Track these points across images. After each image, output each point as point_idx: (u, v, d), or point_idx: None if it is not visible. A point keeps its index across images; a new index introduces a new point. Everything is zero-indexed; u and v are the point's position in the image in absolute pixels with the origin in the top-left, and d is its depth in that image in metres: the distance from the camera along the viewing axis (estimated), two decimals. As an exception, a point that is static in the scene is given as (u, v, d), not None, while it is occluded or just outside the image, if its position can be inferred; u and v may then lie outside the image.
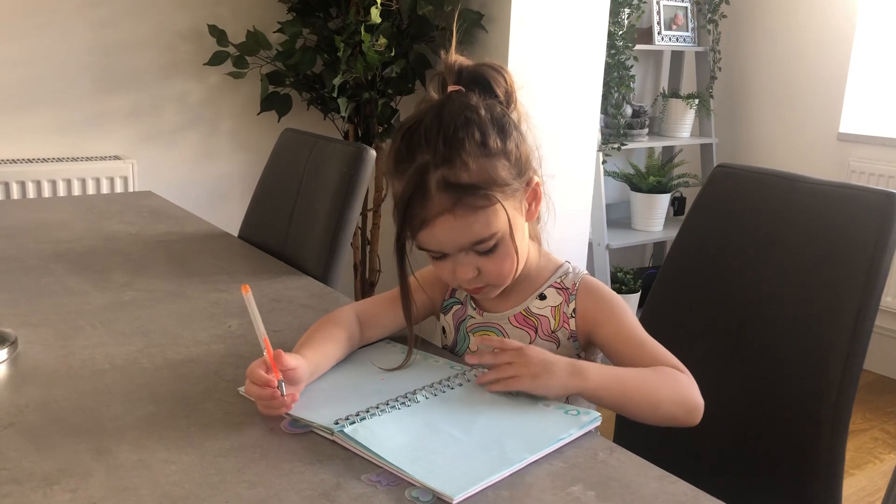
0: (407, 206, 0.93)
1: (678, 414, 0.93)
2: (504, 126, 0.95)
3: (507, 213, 0.95)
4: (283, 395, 0.86)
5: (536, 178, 1.00)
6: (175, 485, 0.75)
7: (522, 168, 0.97)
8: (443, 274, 1.01)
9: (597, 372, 0.92)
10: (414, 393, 0.93)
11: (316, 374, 0.96)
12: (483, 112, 0.94)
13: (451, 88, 0.99)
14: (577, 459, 0.82)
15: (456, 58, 1.00)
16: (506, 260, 0.98)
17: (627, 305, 1.02)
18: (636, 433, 1.04)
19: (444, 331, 1.14)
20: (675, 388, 0.93)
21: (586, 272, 1.07)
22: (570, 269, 1.06)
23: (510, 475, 0.77)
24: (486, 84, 0.98)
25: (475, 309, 1.09)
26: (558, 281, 1.05)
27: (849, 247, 1.02)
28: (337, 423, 0.85)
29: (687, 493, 0.76)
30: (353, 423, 0.85)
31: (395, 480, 0.76)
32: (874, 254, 0.99)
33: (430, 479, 0.75)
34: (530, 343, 1.03)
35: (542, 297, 1.05)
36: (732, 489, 0.87)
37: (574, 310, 1.03)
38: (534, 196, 1.01)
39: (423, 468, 0.77)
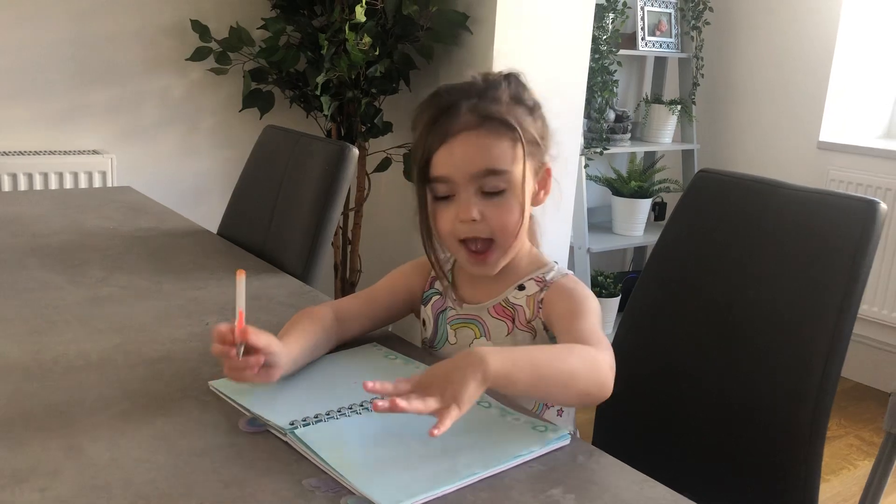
0: (433, 122, 0.97)
1: (592, 390, 0.87)
2: (536, 102, 1.03)
3: (524, 168, 0.98)
4: (238, 357, 0.86)
5: (549, 167, 1.04)
6: (148, 483, 0.73)
7: (544, 144, 1.02)
8: (443, 222, 1.00)
9: (500, 355, 0.82)
10: (382, 398, 0.90)
11: (296, 366, 0.96)
12: (523, 81, 1.03)
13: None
14: (557, 462, 0.81)
15: None
16: (511, 212, 0.98)
17: (594, 303, 1.00)
18: (615, 437, 1.04)
19: (424, 323, 1.13)
20: (589, 364, 0.87)
21: (572, 273, 1.06)
22: (555, 268, 1.06)
23: (489, 477, 0.77)
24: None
25: (455, 300, 1.08)
26: (540, 275, 1.05)
27: (830, 253, 1.03)
28: (292, 424, 0.83)
29: (666, 497, 0.76)
30: (309, 425, 0.83)
31: (336, 487, 0.74)
32: (854, 260, 0.99)
33: (369, 488, 0.73)
34: (507, 335, 1.03)
35: (521, 287, 1.05)
36: (712, 493, 0.87)
37: (542, 300, 1.03)
38: (544, 183, 1.04)
39: (366, 476, 0.75)
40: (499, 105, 0.97)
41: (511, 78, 1.02)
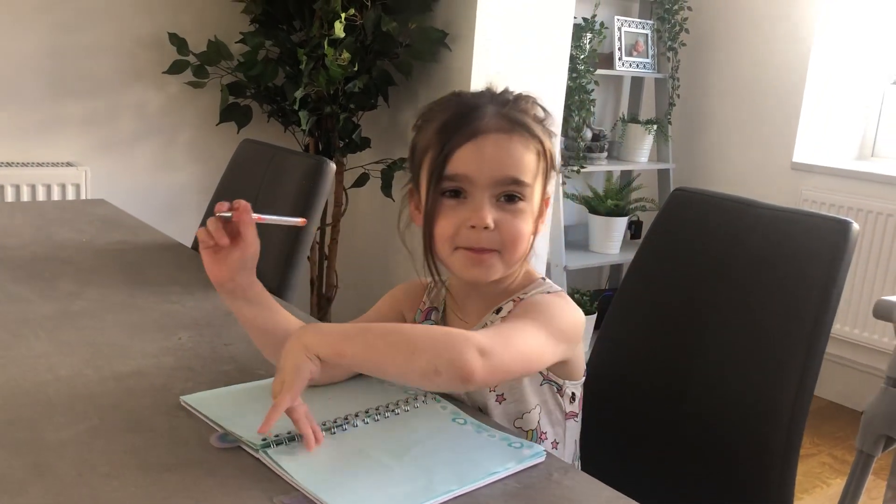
0: (457, 119, 0.92)
1: (441, 367, 0.78)
2: (552, 130, 1.00)
3: (544, 187, 0.96)
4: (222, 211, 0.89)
5: (549, 194, 1.00)
6: (116, 501, 0.72)
7: (554, 172, 0.99)
8: (445, 224, 0.92)
9: (326, 326, 0.86)
10: (356, 416, 0.89)
11: (253, 303, 0.97)
12: (542, 104, 1.00)
13: None
14: (532, 479, 0.81)
15: None
16: (525, 226, 0.94)
17: (550, 318, 0.90)
18: (591, 454, 1.04)
19: None
20: (443, 342, 0.80)
21: (558, 289, 0.99)
22: (540, 285, 0.99)
23: (464, 494, 0.76)
24: None
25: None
26: (519, 296, 0.98)
27: (803, 272, 1.04)
28: (264, 440, 0.82)
29: (640, 516, 0.76)
30: (281, 443, 0.82)
31: None
32: (827, 279, 1.00)
33: None
34: None
35: (499, 310, 0.98)
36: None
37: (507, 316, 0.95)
38: (541, 212, 0.99)
39: (339, 494, 0.74)
40: (527, 117, 0.95)
41: (532, 97, 0.99)
